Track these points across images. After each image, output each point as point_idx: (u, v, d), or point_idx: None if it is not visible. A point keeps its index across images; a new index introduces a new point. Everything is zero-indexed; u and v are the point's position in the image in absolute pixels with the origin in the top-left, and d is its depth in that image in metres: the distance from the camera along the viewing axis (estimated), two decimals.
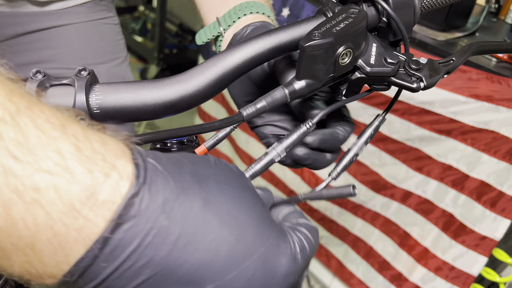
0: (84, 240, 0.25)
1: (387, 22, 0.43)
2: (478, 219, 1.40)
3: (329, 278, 1.97)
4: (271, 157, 0.40)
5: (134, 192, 0.26)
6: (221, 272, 0.28)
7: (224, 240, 0.28)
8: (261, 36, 0.40)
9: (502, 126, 1.30)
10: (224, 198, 0.29)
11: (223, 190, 0.30)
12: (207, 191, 0.29)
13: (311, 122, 0.41)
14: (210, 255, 0.28)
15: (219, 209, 0.29)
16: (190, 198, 0.28)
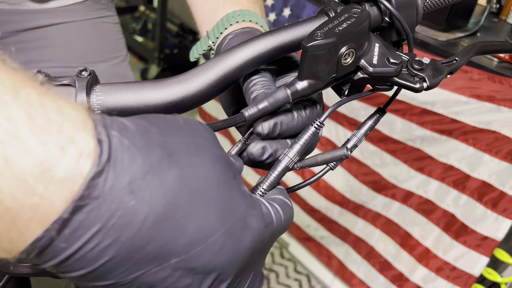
0: (41, 219, 0.23)
1: (390, 22, 0.42)
2: (480, 219, 1.40)
3: (330, 278, 1.97)
4: (285, 163, 0.39)
5: (97, 171, 0.24)
6: (187, 247, 0.27)
7: (192, 217, 0.27)
8: (263, 36, 0.40)
9: (503, 126, 1.30)
10: (194, 173, 0.28)
11: (194, 163, 0.28)
12: (178, 166, 0.27)
13: (319, 121, 0.40)
14: (177, 232, 0.27)
15: (189, 185, 0.27)
16: (159, 176, 0.26)
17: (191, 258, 0.28)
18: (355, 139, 0.43)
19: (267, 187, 0.39)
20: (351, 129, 1.66)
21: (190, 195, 0.27)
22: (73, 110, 0.25)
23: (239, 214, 0.31)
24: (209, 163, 0.30)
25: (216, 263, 0.29)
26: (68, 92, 0.35)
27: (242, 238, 0.31)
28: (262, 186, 0.39)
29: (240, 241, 0.30)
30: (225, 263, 0.30)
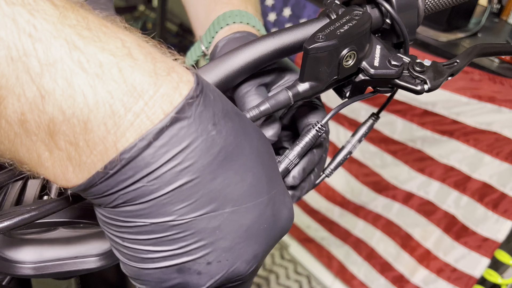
0: (139, 127, 0.25)
1: (391, 24, 0.42)
2: (481, 220, 1.40)
3: (331, 279, 1.97)
4: (285, 165, 0.40)
5: (193, 95, 0.26)
6: (242, 199, 0.29)
7: (251, 169, 0.29)
8: (264, 38, 0.40)
9: (504, 127, 1.30)
10: (254, 133, 0.31)
11: (254, 128, 0.31)
12: (243, 121, 0.30)
13: (320, 124, 0.40)
14: (238, 178, 0.28)
15: (250, 140, 0.30)
16: (232, 121, 0.29)
17: (241, 212, 0.29)
18: (350, 145, 0.44)
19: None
20: (352, 129, 1.66)
21: (251, 149, 0.29)
22: (171, 55, 0.28)
23: (281, 188, 0.32)
24: (261, 134, 0.32)
25: (258, 229, 0.30)
26: None
27: (280, 213, 0.32)
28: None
29: (279, 214, 0.31)
30: (263, 232, 0.30)
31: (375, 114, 0.45)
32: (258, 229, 0.30)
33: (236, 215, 0.29)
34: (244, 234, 0.29)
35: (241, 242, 0.29)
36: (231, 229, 0.29)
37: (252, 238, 0.30)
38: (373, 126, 0.46)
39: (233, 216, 0.29)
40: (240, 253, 0.30)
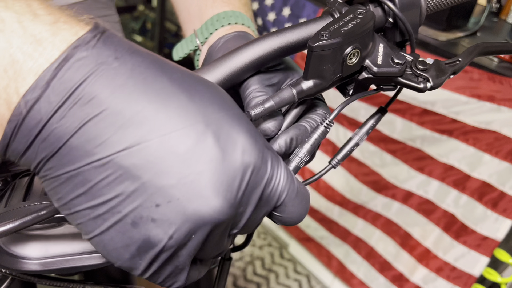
0: (38, 69, 0.25)
1: (393, 22, 0.43)
2: (480, 219, 1.40)
3: (330, 278, 1.97)
4: (295, 163, 0.40)
5: (90, 36, 0.27)
6: (167, 125, 0.27)
7: (173, 95, 0.28)
8: (268, 37, 0.40)
9: (504, 126, 1.30)
10: (175, 69, 0.29)
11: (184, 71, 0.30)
12: (159, 60, 0.29)
13: (329, 120, 0.40)
14: (157, 105, 0.27)
15: (170, 71, 0.29)
16: (142, 55, 0.28)
17: (173, 140, 0.27)
18: (357, 137, 0.44)
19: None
20: (351, 128, 1.66)
21: (171, 80, 0.28)
22: None
23: (231, 121, 0.29)
24: (205, 81, 0.31)
25: (200, 158, 0.28)
26: None
27: (230, 145, 0.28)
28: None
29: (229, 146, 0.28)
30: (210, 164, 0.28)
31: (384, 108, 0.45)
32: (199, 158, 0.27)
33: (166, 143, 0.26)
34: (184, 164, 0.27)
35: (186, 174, 0.27)
36: (165, 160, 0.26)
37: (198, 168, 0.27)
38: (381, 120, 0.46)
39: (164, 146, 0.26)
40: (191, 188, 0.27)
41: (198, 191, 0.27)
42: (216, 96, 0.29)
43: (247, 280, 2.03)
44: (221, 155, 0.27)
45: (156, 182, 0.26)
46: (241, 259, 2.12)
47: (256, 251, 2.17)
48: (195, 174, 0.27)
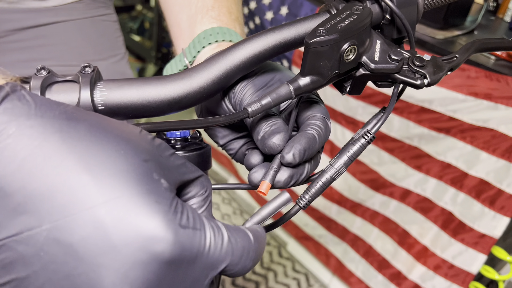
0: None
1: (390, 19, 0.43)
2: (477, 217, 1.40)
3: (328, 277, 1.97)
4: (330, 174, 0.39)
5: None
6: (56, 209, 0.24)
7: (71, 174, 0.24)
8: (265, 33, 0.40)
9: (501, 124, 1.31)
10: (89, 138, 0.26)
11: (93, 133, 0.26)
12: (72, 126, 0.26)
13: (370, 133, 0.40)
14: (53, 185, 0.24)
15: (76, 143, 0.25)
16: (46, 125, 0.25)
17: (64, 227, 0.24)
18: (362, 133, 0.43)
19: (309, 197, 0.39)
20: (349, 127, 1.66)
21: (75, 154, 0.25)
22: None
23: (137, 192, 0.25)
24: (112, 138, 0.27)
25: (91, 247, 0.24)
26: (72, 88, 0.35)
27: (131, 225, 0.24)
28: (305, 196, 0.40)
29: (127, 227, 0.24)
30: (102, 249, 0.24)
31: (385, 108, 0.44)
32: (94, 250, 0.24)
33: (58, 231, 0.24)
34: (76, 257, 0.24)
35: (76, 267, 0.24)
36: (54, 250, 0.24)
37: (94, 262, 0.24)
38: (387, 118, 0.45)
39: (54, 233, 0.24)
40: (85, 283, 0.24)
41: (94, 284, 0.24)
42: (124, 168, 0.25)
43: (246, 279, 2.03)
44: (124, 246, 0.24)
45: (46, 273, 0.24)
46: None
47: None
48: (90, 269, 0.24)
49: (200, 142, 0.45)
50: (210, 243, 0.27)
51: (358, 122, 1.63)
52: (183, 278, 0.26)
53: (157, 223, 0.25)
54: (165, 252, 0.25)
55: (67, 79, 0.36)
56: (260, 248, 0.31)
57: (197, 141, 0.44)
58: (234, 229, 0.29)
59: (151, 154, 0.27)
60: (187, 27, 0.56)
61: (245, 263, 0.29)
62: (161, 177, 0.26)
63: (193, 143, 0.44)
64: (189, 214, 0.27)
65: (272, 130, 0.40)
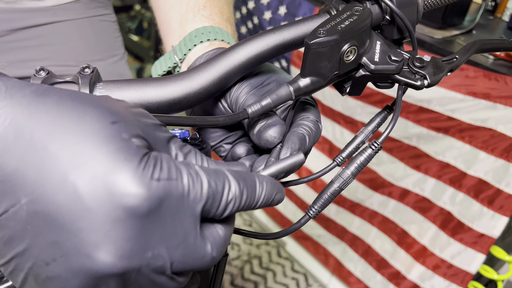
0: None
1: (391, 20, 0.43)
2: (476, 216, 1.41)
3: (327, 276, 1.97)
4: (338, 184, 0.40)
5: None
6: (30, 184, 0.25)
7: (40, 146, 0.25)
8: (265, 34, 0.40)
9: (499, 123, 1.31)
10: (56, 110, 0.26)
11: (60, 105, 0.27)
12: (40, 101, 0.26)
13: (378, 143, 0.40)
14: (25, 161, 0.25)
15: (43, 116, 0.26)
16: (15, 105, 0.26)
17: (39, 200, 0.25)
18: (363, 135, 0.43)
19: (318, 207, 0.40)
20: (347, 127, 1.66)
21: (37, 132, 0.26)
22: None
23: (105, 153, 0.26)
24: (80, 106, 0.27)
25: (65, 214, 0.25)
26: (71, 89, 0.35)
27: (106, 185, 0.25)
28: (314, 206, 0.40)
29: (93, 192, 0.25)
30: (83, 212, 0.25)
31: (389, 107, 0.44)
32: (76, 213, 0.25)
33: (34, 203, 0.25)
34: (59, 223, 0.25)
35: (64, 232, 0.25)
36: (38, 221, 0.25)
37: (76, 226, 0.25)
38: (386, 118, 0.45)
39: (33, 206, 0.25)
40: (73, 244, 0.25)
41: (79, 248, 0.25)
42: (90, 132, 0.26)
43: (245, 279, 2.03)
44: (98, 207, 0.25)
45: (37, 244, 0.26)
46: (238, 258, 2.12)
47: (253, 249, 2.17)
48: (72, 235, 0.25)
49: (200, 143, 0.45)
50: (188, 189, 0.28)
51: (357, 122, 1.63)
52: (169, 224, 0.27)
53: (127, 180, 0.25)
54: (141, 206, 0.25)
55: (66, 80, 0.35)
56: (247, 195, 0.31)
57: (196, 142, 0.44)
58: (214, 173, 0.30)
59: (121, 116, 0.28)
60: (178, 25, 0.56)
61: (226, 203, 0.30)
62: (132, 137, 0.27)
63: (192, 144, 0.44)
64: (163, 166, 0.27)
65: (268, 124, 0.40)
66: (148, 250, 0.26)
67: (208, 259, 0.29)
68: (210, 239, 0.30)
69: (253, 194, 0.31)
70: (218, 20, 0.55)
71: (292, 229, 0.41)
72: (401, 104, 0.41)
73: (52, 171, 0.25)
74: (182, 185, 0.27)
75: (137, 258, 0.26)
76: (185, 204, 0.28)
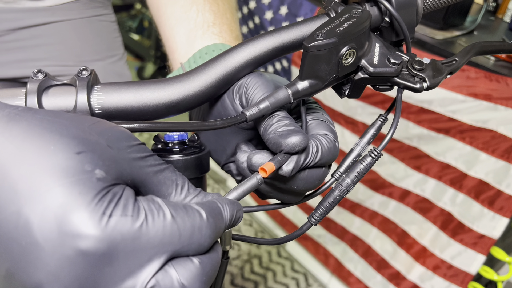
0: None
1: (390, 22, 0.42)
2: (476, 217, 1.40)
3: (327, 276, 1.97)
4: (339, 192, 0.40)
5: None
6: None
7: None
8: (264, 36, 0.40)
9: (500, 124, 1.31)
10: (22, 138, 0.25)
11: (28, 133, 0.26)
12: (8, 128, 0.26)
13: (376, 151, 0.39)
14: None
15: (7, 145, 0.25)
16: None
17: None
18: (359, 148, 0.43)
19: (319, 215, 0.40)
20: (348, 127, 1.66)
21: None
22: None
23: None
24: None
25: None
26: (69, 92, 0.35)
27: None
28: (315, 214, 0.41)
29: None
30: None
31: (383, 115, 0.44)
32: (16, 246, 0.24)
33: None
34: (5, 256, 0.25)
35: (11, 266, 0.25)
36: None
37: (20, 261, 0.25)
38: (382, 127, 0.44)
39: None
40: (20, 280, 0.25)
41: (26, 284, 0.25)
42: (50, 164, 0.25)
43: (245, 279, 2.03)
44: (46, 243, 0.24)
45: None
46: (238, 258, 2.12)
47: (253, 249, 2.17)
48: (21, 268, 0.24)
49: (198, 145, 0.45)
50: (147, 227, 0.26)
51: (358, 122, 1.63)
52: (125, 265, 0.25)
53: (78, 217, 0.24)
54: (90, 247, 0.24)
55: (64, 82, 0.35)
56: (217, 223, 0.30)
57: (195, 145, 0.44)
58: (181, 208, 0.28)
59: (89, 145, 0.26)
60: (185, 42, 0.55)
61: (199, 241, 0.28)
62: (96, 168, 0.26)
63: (191, 147, 0.44)
64: (119, 202, 0.25)
65: (292, 130, 0.37)
66: None
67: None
68: (181, 272, 0.27)
69: (221, 222, 0.30)
70: (228, 38, 0.54)
71: (294, 235, 0.42)
72: (400, 108, 0.41)
73: (7, 203, 0.24)
74: (137, 224, 0.25)
75: None
76: (143, 243, 0.26)
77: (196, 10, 0.58)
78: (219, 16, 0.58)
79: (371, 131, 0.42)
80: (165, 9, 0.62)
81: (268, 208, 0.43)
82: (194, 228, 0.28)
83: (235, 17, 0.62)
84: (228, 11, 0.60)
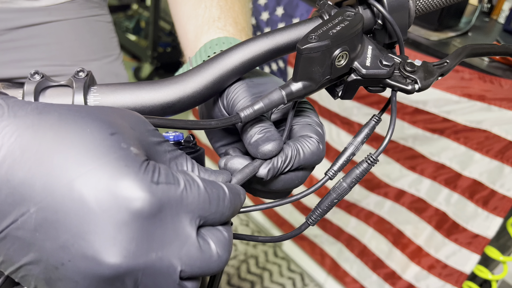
0: None
1: (382, 24, 0.43)
2: (471, 217, 1.41)
3: (323, 276, 1.98)
4: (336, 195, 0.41)
5: None
6: (35, 194, 0.26)
7: (45, 159, 0.27)
8: (258, 38, 0.40)
9: (494, 125, 1.32)
10: (58, 126, 0.28)
11: (62, 121, 0.28)
12: (42, 119, 0.28)
13: (372, 158, 0.40)
14: (32, 173, 0.27)
15: (47, 132, 0.27)
16: (19, 123, 0.27)
17: (46, 208, 0.27)
18: (352, 147, 0.43)
19: (316, 217, 0.41)
20: (344, 128, 1.67)
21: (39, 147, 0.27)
22: None
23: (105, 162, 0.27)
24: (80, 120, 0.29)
25: (71, 220, 0.27)
26: (66, 93, 0.35)
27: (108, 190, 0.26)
28: (312, 216, 0.42)
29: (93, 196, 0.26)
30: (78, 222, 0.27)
31: (376, 115, 0.44)
32: (81, 218, 0.26)
33: (43, 211, 0.26)
34: (66, 228, 0.26)
35: (70, 237, 0.27)
36: (47, 227, 0.27)
37: (82, 229, 0.26)
38: (375, 127, 0.45)
39: (41, 214, 0.26)
40: (79, 248, 0.26)
41: (85, 251, 0.26)
42: (91, 143, 0.28)
43: (241, 279, 2.03)
44: (103, 211, 0.26)
45: (45, 250, 0.27)
46: (235, 258, 2.13)
47: (250, 249, 2.18)
48: (80, 238, 0.26)
49: (194, 145, 0.45)
50: (187, 193, 0.29)
51: (353, 123, 1.63)
52: (170, 226, 0.28)
53: (129, 183, 0.27)
54: (143, 208, 0.27)
55: (61, 83, 0.36)
56: (235, 199, 0.33)
57: (190, 145, 0.45)
58: (209, 181, 0.32)
59: (118, 127, 0.29)
60: (194, 37, 0.58)
61: (222, 210, 0.32)
62: (130, 146, 0.29)
63: (186, 147, 0.44)
64: (161, 172, 0.29)
65: (266, 137, 0.40)
66: (151, 251, 0.27)
67: (215, 259, 0.31)
68: (214, 239, 0.31)
69: (238, 201, 0.34)
70: (232, 30, 0.56)
71: (292, 234, 0.43)
72: (396, 113, 0.42)
73: (58, 180, 0.26)
74: (180, 189, 0.29)
75: (141, 258, 0.27)
76: (184, 207, 0.29)
77: (204, 6, 0.60)
78: (225, 10, 0.59)
79: (365, 130, 0.43)
80: (179, 8, 0.65)
81: (263, 207, 0.44)
82: (220, 199, 0.31)
83: (245, 9, 0.63)
84: (237, 4, 0.62)
